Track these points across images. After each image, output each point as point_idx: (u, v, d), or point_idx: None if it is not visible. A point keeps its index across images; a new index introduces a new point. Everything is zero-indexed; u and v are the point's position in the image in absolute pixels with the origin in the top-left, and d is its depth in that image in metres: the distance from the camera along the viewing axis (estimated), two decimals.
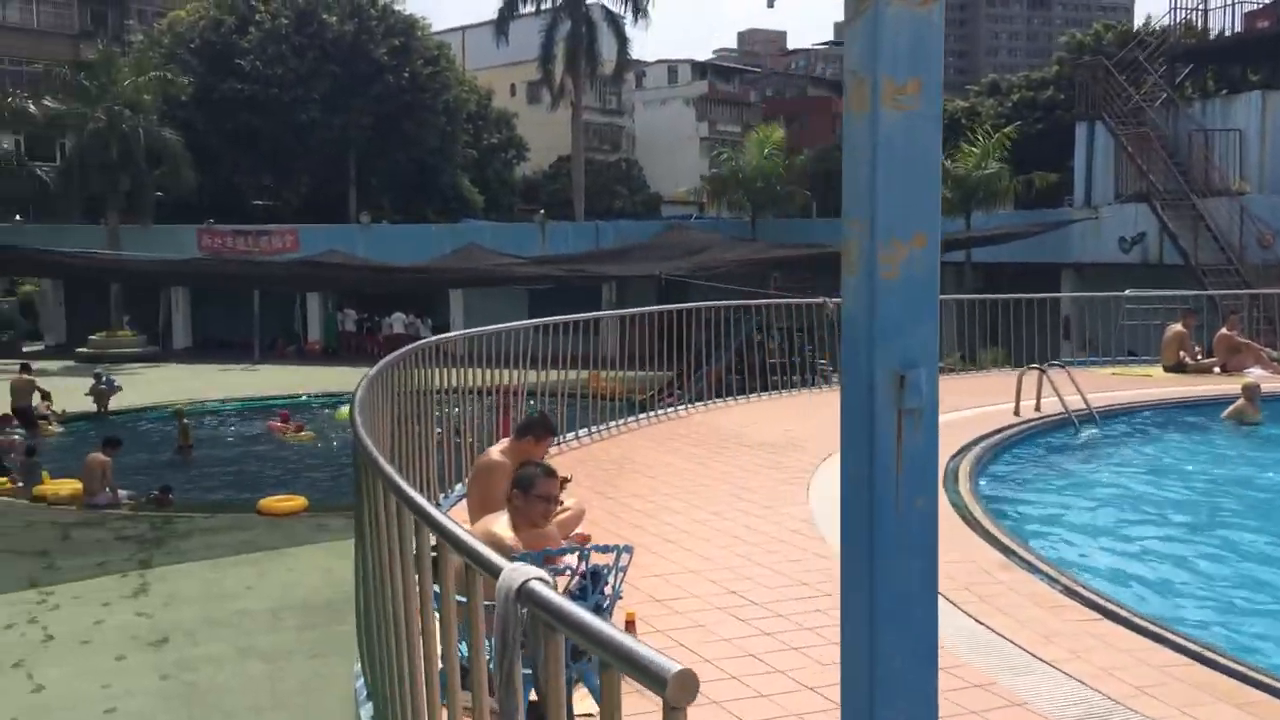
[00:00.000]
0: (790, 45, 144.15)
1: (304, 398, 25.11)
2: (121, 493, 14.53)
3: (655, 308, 13.47)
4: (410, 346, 8.12)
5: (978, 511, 7.48)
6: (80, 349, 34.01)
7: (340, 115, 44.00)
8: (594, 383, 27.28)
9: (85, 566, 11.46)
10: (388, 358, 7.25)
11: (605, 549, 4.08)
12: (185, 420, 18.73)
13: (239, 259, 31.32)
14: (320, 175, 45.61)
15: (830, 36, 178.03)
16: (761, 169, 30.59)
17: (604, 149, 74.11)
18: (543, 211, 36.42)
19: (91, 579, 11.05)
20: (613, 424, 11.21)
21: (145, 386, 26.59)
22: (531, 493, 4.53)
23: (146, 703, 8.07)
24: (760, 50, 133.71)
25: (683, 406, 12.50)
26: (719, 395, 13.71)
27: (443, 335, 9.35)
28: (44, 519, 13.67)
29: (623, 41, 45.94)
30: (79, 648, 9.13)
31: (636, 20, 45.68)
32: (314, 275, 19.57)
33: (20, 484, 15.57)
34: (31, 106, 35.85)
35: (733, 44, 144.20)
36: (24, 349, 36.61)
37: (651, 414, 11.83)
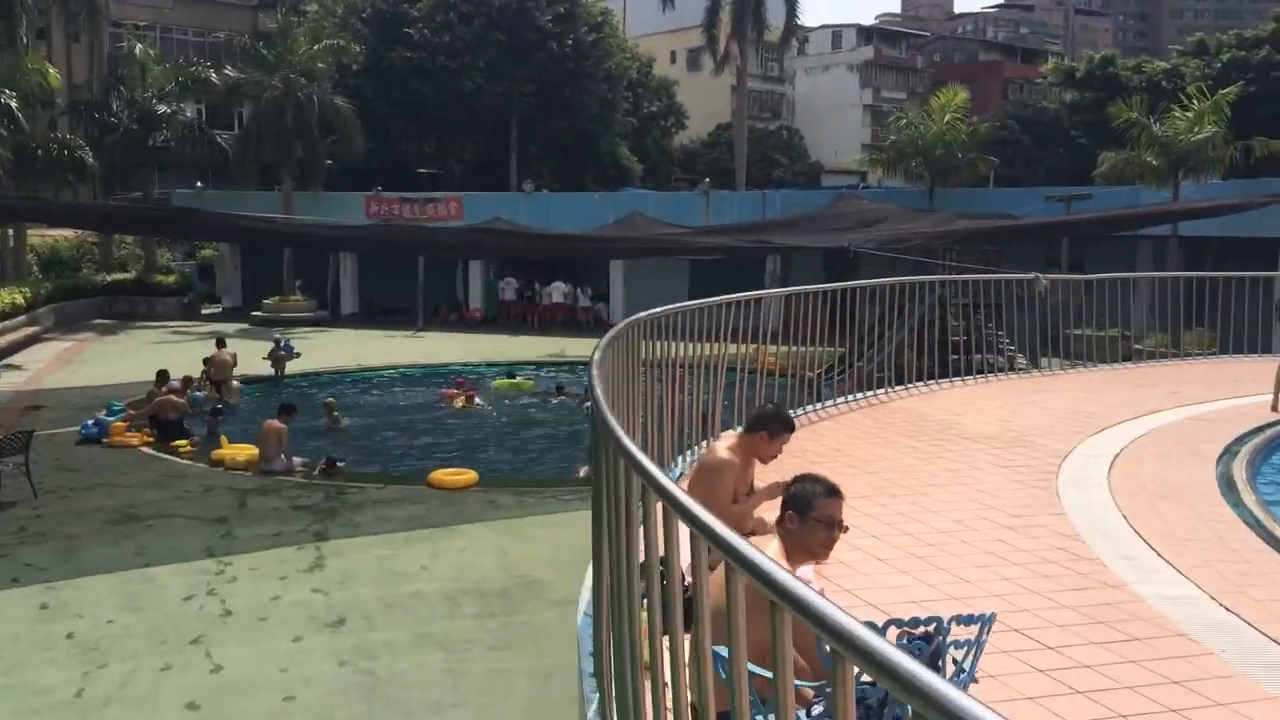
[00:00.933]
0: (957, 9, 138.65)
1: (466, 368, 25.00)
2: (296, 460, 14.41)
3: (878, 280, 12.24)
4: (635, 318, 7.36)
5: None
6: (255, 312, 35.00)
7: (503, 82, 44.06)
8: (761, 357, 26.39)
9: (262, 537, 11.26)
10: (613, 330, 6.53)
11: (967, 620, 3.15)
12: (335, 414, 18.52)
13: (422, 225, 31.37)
14: (482, 143, 45.81)
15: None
16: (942, 135, 28.80)
17: (764, 117, 72.46)
18: (707, 180, 35.42)
19: (268, 550, 10.82)
20: (808, 409, 10.26)
21: (316, 351, 26.98)
22: (810, 515, 3.65)
23: (324, 692, 7.62)
24: (925, 15, 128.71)
25: (879, 391, 11.41)
26: (902, 380, 12.49)
27: (669, 307, 8.53)
28: (222, 484, 13.64)
29: (791, 4, 44.32)
30: (256, 625, 8.81)
31: None
32: (485, 243, 19.08)
33: (198, 446, 15.72)
34: (213, 75, 36.90)
35: (896, 9, 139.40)
36: (203, 311, 38.04)
37: (849, 400, 10.79)
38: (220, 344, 21.32)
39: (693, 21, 68.68)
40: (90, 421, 16.50)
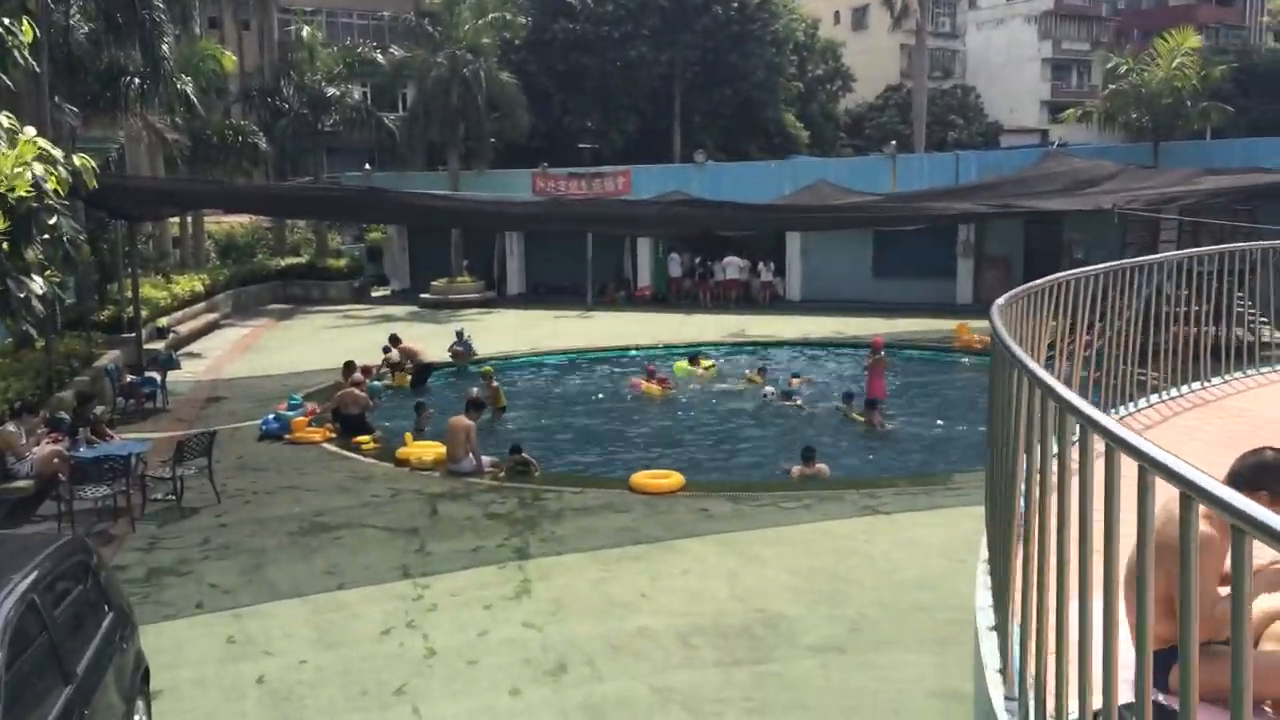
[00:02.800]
0: None
1: (642, 351, 23.65)
2: (485, 459, 13.26)
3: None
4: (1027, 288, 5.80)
5: None
6: (423, 294, 34.64)
7: (667, 50, 42.56)
8: (961, 334, 24.09)
9: (459, 553, 10.07)
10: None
11: None
12: (495, 383, 17.42)
13: (618, 200, 30.01)
14: (645, 114, 44.40)
15: None
16: (1169, 81, 25.66)
17: (935, 75, 68.68)
18: (893, 143, 33.06)
19: (467, 570, 9.62)
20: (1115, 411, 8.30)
21: (485, 333, 26.19)
22: None
23: None
24: None
25: (1183, 389, 9.27)
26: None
27: (1070, 273, 6.88)
28: (409, 488, 12.60)
29: None
30: (466, 671, 7.54)
31: None
32: (679, 215, 17.37)
33: (382, 442, 14.81)
34: (379, 56, 36.62)
35: None
36: (372, 294, 38.00)
37: (1143, 402, 8.67)
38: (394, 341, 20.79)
39: None
40: (271, 416, 15.84)
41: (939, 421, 16.67)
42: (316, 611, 8.74)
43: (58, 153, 7.23)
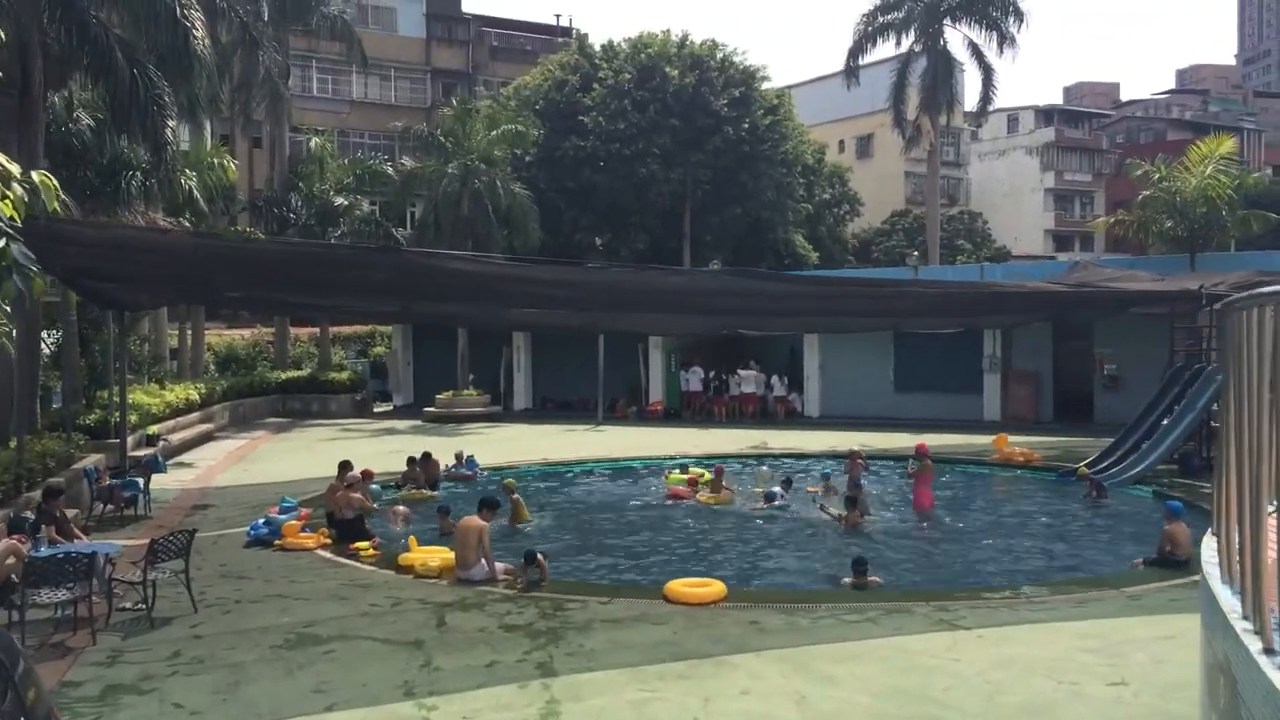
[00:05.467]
0: (1124, 96, 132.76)
1: (658, 462, 22.29)
2: (499, 565, 11.78)
3: None
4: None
5: None
6: (428, 408, 33.50)
7: (678, 169, 42.39)
8: (1000, 447, 22.69)
9: (472, 669, 8.55)
10: None
11: None
12: (516, 495, 16.04)
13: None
14: (655, 231, 43.99)
15: (1172, 84, 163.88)
16: (1203, 190, 24.95)
17: (941, 202, 69.03)
18: (916, 254, 32.34)
19: (482, 688, 8.09)
20: None
21: (493, 446, 24.91)
22: None
23: None
24: (1090, 104, 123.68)
25: None
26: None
27: None
28: (413, 596, 11.10)
29: (988, 73, 41.42)
30: None
31: (1002, 51, 41.11)
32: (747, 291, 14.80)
33: (381, 549, 13.34)
34: (390, 169, 36.28)
35: (1058, 100, 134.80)
36: (375, 409, 36.82)
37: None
38: (425, 459, 19.47)
39: (862, 109, 66.84)
40: (261, 521, 14.43)
41: (986, 540, 15.19)
42: None
43: (14, 168, 6.07)
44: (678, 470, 19.98)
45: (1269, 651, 3.14)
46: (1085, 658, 8.57)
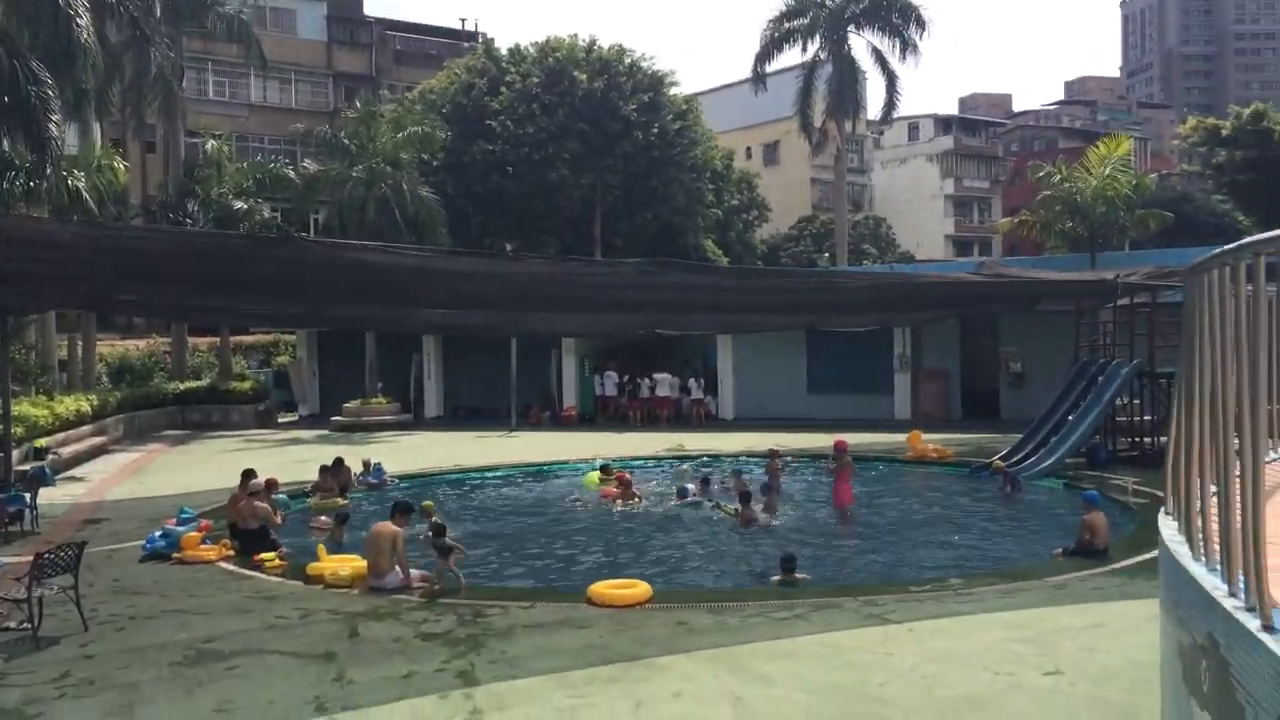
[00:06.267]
0: (1017, 108, 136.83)
1: (577, 466, 21.92)
2: (415, 572, 11.28)
3: None
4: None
5: None
6: (335, 417, 32.54)
7: (588, 174, 42.09)
8: (914, 444, 22.82)
9: (388, 680, 8.08)
10: None
11: None
12: (436, 518, 15.40)
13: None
14: (566, 237, 43.60)
15: (1061, 95, 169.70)
16: (1103, 190, 25.56)
17: (847, 208, 70.02)
18: (827, 256, 32.55)
19: (400, 701, 7.64)
20: None
21: (404, 454, 24.23)
22: None
23: None
24: (985, 115, 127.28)
25: None
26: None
27: None
28: (323, 607, 10.54)
29: (891, 79, 42.05)
30: None
31: (904, 57, 41.79)
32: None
33: (288, 559, 12.70)
34: (290, 172, 35.22)
35: (954, 111, 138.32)
36: (279, 419, 35.67)
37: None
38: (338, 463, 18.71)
39: (768, 117, 67.41)
40: (158, 534, 13.64)
41: (907, 534, 15.19)
42: None
43: None
44: (595, 472, 19.68)
45: (1269, 629, 2.94)
46: (1018, 648, 8.48)
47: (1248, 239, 3.93)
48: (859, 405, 29.70)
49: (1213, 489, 4.15)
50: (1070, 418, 20.30)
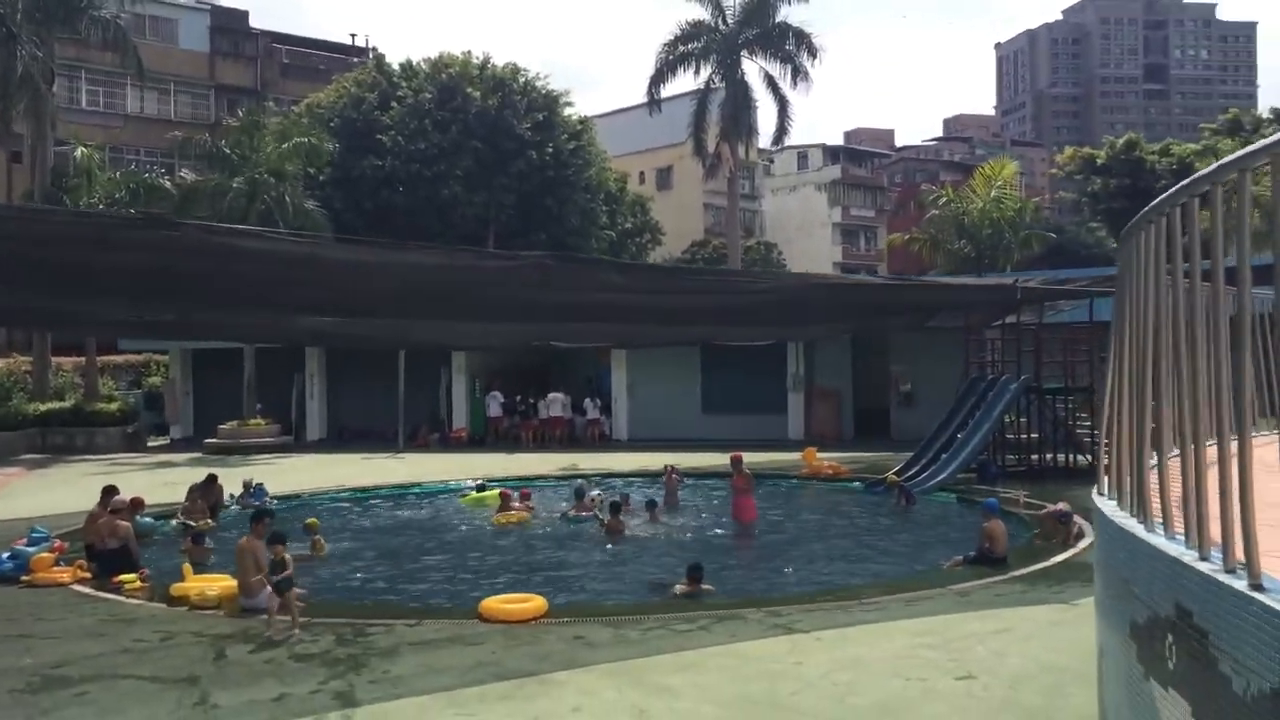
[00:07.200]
0: (898, 142, 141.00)
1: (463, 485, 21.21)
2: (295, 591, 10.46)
3: None
4: None
5: None
6: (209, 439, 31.02)
7: (482, 192, 41.38)
8: (810, 461, 22.72)
9: (256, 704, 7.35)
10: None
11: None
12: (318, 536, 14.62)
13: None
14: None
15: (940, 131, 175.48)
16: (989, 212, 26.10)
17: (740, 233, 70.69)
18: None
19: None
20: None
21: (285, 475, 23.12)
22: None
23: None
24: (868, 149, 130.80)
25: None
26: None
27: None
28: (187, 629, 9.68)
29: (783, 105, 42.51)
30: None
31: (796, 84, 42.29)
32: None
33: (150, 581, 11.75)
34: (167, 182, 33.68)
35: (839, 141, 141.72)
36: (149, 443, 33.92)
37: None
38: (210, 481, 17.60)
39: (662, 142, 67.72)
40: (5, 555, 12.52)
41: (807, 548, 14.97)
42: None
43: None
44: (474, 491, 19.18)
45: (1258, 588, 2.63)
46: (928, 654, 8.20)
47: (1179, 184, 3.70)
48: (753, 425, 29.60)
49: (1165, 458, 3.90)
50: (960, 436, 20.49)
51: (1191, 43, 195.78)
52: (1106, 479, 4.78)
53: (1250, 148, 3.46)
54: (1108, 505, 4.39)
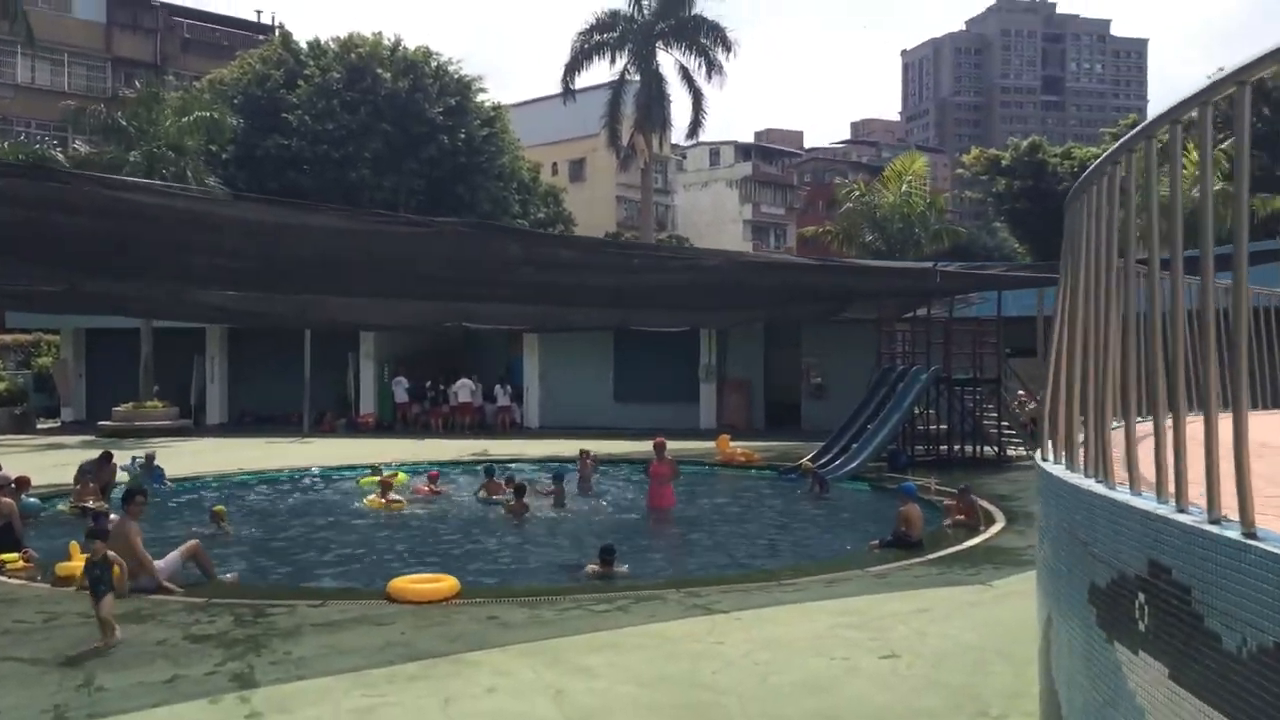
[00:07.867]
0: (808, 144, 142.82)
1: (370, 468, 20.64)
2: (163, 564, 9.93)
3: None
4: None
5: None
6: (103, 422, 29.75)
7: (391, 176, 40.50)
8: (723, 448, 22.68)
9: (146, 686, 6.89)
10: None
11: None
12: (225, 523, 14.01)
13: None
14: None
15: (847, 135, 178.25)
16: (899, 206, 26.39)
17: (653, 227, 70.66)
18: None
19: (159, 708, 6.49)
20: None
21: (184, 458, 22.21)
22: None
23: None
24: (779, 148, 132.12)
25: None
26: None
27: None
28: (72, 610, 9.08)
29: (697, 97, 42.48)
30: None
31: (710, 76, 42.30)
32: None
33: (34, 561, 11.07)
34: (60, 155, 32.16)
35: (750, 139, 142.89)
36: (39, 425, 32.43)
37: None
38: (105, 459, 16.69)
39: (575, 133, 67.29)
40: None
41: (722, 531, 14.88)
42: None
43: None
44: (370, 475, 18.72)
45: (1252, 535, 2.49)
46: (850, 634, 8.10)
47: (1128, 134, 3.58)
48: (665, 414, 29.47)
49: (1132, 418, 3.78)
50: (870, 426, 20.65)
51: (1087, 56, 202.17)
52: (1051, 443, 4.67)
53: (1181, 99, 3.36)
54: (1056, 469, 4.27)
